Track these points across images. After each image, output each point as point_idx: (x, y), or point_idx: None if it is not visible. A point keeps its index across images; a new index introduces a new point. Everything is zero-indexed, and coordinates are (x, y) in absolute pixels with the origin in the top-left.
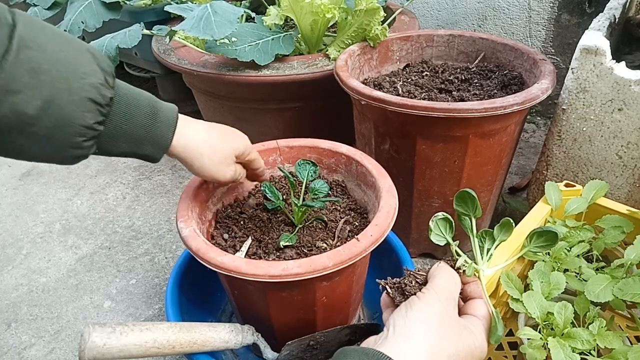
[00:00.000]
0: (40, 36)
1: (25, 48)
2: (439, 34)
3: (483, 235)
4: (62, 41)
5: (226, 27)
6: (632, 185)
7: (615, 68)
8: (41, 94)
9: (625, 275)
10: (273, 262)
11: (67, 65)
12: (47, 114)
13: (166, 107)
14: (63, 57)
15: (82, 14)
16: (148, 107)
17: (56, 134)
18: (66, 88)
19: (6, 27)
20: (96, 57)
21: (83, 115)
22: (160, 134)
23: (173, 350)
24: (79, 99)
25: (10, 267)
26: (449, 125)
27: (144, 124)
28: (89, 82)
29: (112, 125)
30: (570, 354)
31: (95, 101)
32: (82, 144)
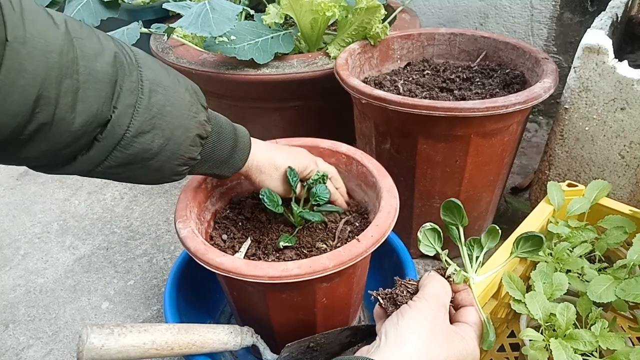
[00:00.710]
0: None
1: (154, 93)
2: (441, 32)
3: (471, 243)
4: (175, 81)
5: (224, 24)
6: (635, 185)
7: (617, 67)
8: (163, 132)
9: (628, 276)
10: (273, 263)
11: (183, 106)
12: (165, 150)
13: (241, 131)
14: (180, 98)
15: (80, 12)
16: (231, 134)
17: (167, 165)
18: (183, 127)
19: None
20: (198, 95)
21: (191, 149)
22: (238, 159)
23: (171, 351)
24: (192, 136)
25: (8, 267)
26: (451, 125)
27: (227, 150)
28: (198, 120)
29: (205, 152)
30: (572, 355)
31: (201, 136)
32: (183, 171)
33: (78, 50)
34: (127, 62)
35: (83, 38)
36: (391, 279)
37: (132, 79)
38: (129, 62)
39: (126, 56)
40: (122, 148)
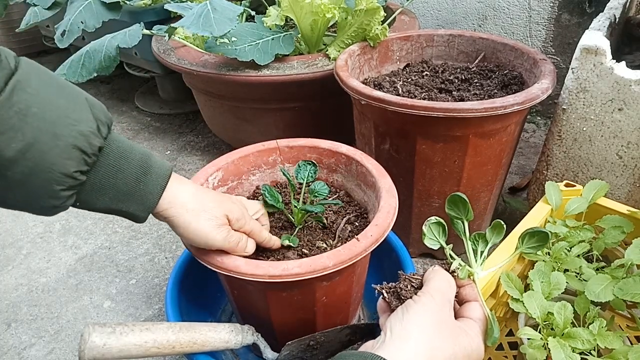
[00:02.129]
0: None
1: (19, 91)
2: (439, 33)
3: (476, 238)
4: (59, 87)
5: (225, 24)
6: (633, 185)
7: (615, 68)
8: (24, 136)
9: (626, 275)
10: (273, 262)
11: (58, 110)
12: (25, 158)
13: (160, 164)
14: (56, 101)
15: (82, 14)
16: (140, 162)
17: (32, 180)
18: (51, 132)
19: (6, 70)
20: (93, 106)
21: (64, 162)
22: (148, 192)
23: (173, 350)
24: (63, 145)
25: (10, 267)
26: (449, 125)
27: (132, 179)
28: (79, 129)
29: (97, 176)
30: (570, 354)
31: (82, 149)
32: (60, 193)
33: None
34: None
35: None
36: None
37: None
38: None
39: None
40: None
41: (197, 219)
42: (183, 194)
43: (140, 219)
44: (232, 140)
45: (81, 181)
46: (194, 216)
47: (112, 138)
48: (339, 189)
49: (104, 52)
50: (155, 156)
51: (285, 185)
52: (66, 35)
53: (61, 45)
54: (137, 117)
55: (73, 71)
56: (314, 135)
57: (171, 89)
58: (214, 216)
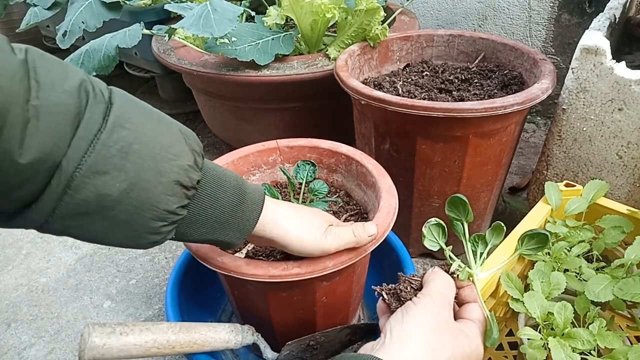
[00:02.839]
0: (136, 115)
1: (119, 127)
2: (439, 33)
3: (476, 239)
4: (156, 120)
5: (226, 25)
6: (632, 185)
7: (615, 68)
8: (127, 175)
9: (626, 275)
10: (273, 262)
11: (158, 146)
12: (129, 197)
13: (252, 189)
14: (154, 136)
15: (83, 14)
16: (235, 189)
17: (136, 219)
18: (154, 170)
19: (102, 105)
20: (187, 137)
21: (167, 199)
22: (245, 219)
23: (173, 350)
24: (166, 181)
25: (10, 267)
26: (449, 125)
27: (229, 208)
28: (179, 164)
29: (196, 209)
30: (570, 354)
31: (183, 184)
32: (161, 229)
33: (33, 79)
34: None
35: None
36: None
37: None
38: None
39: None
40: (73, 191)
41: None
42: (283, 213)
43: (234, 245)
44: (232, 140)
45: (182, 216)
46: (301, 231)
47: (206, 167)
48: (339, 189)
49: (104, 51)
50: (246, 181)
51: (285, 185)
52: (68, 35)
53: (63, 45)
54: None
55: None
56: (314, 135)
57: (171, 89)
58: (317, 225)
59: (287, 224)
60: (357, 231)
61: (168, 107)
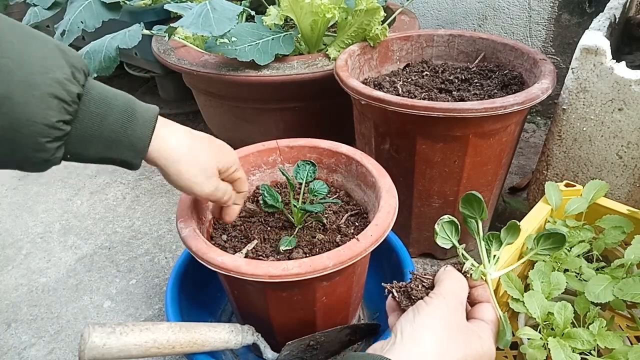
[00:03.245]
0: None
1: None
2: (439, 33)
3: (490, 238)
4: (28, 36)
5: (225, 23)
6: (633, 185)
7: (615, 68)
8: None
9: (626, 276)
10: (273, 262)
11: (28, 59)
12: (2, 112)
13: (145, 107)
14: (25, 50)
15: (82, 14)
16: (123, 107)
17: (16, 135)
18: (25, 82)
19: None
20: (65, 53)
21: (45, 112)
22: (137, 136)
23: (173, 350)
24: (39, 94)
25: (10, 267)
26: (449, 125)
27: (118, 124)
28: (52, 76)
29: (82, 125)
30: (570, 354)
31: (59, 97)
32: (46, 145)
33: None
34: None
35: None
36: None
37: None
38: None
39: None
40: None
41: (188, 171)
42: (173, 140)
43: (135, 165)
44: (232, 140)
45: (66, 131)
46: (185, 166)
47: (91, 85)
48: (339, 189)
49: (104, 52)
50: (139, 101)
51: (285, 185)
52: (66, 35)
53: None
54: None
55: None
56: (314, 135)
57: (171, 89)
58: (206, 167)
59: (178, 154)
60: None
61: (168, 107)
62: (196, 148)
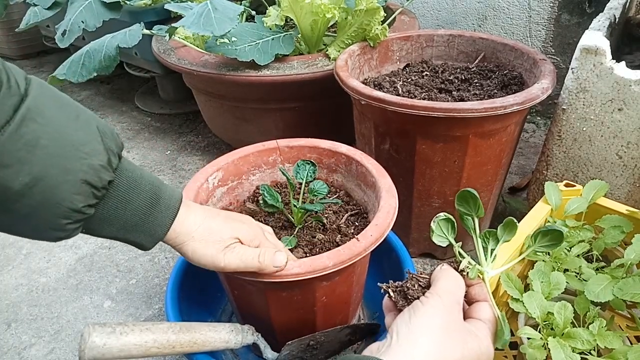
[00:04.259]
0: (50, 109)
1: (29, 120)
2: (439, 33)
3: (486, 235)
4: (71, 115)
5: (226, 23)
6: (632, 185)
7: (615, 68)
8: (31, 170)
9: (625, 275)
10: None
11: (69, 143)
12: (32, 192)
13: (169, 193)
14: (67, 133)
15: (83, 13)
16: (149, 193)
17: (39, 214)
18: (62, 167)
19: (16, 97)
20: (104, 135)
21: (72, 197)
22: (157, 223)
23: (173, 350)
24: (73, 180)
25: (10, 267)
26: (449, 125)
27: (141, 211)
28: (89, 162)
29: (105, 208)
30: (570, 354)
31: (91, 184)
32: (66, 226)
33: None
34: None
35: None
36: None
37: (7, 103)
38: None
39: (11, 78)
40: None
41: (203, 245)
42: (190, 222)
43: (146, 248)
44: (232, 140)
45: (89, 215)
46: (200, 242)
47: (122, 168)
48: (339, 189)
49: (104, 51)
50: (166, 186)
51: (285, 185)
52: (67, 34)
53: (62, 44)
54: (137, 117)
55: (73, 71)
56: (314, 135)
57: (171, 89)
58: (220, 239)
59: (190, 232)
60: (263, 257)
61: (168, 107)
62: (210, 223)
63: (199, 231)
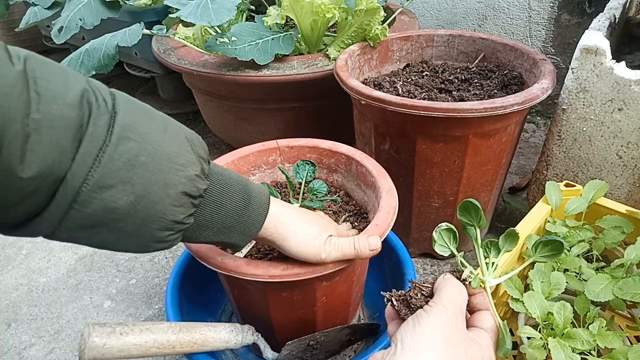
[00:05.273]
0: (141, 124)
1: (125, 139)
2: (439, 33)
3: (488, 245)
4: (161, 128)
5: (224, 14)
6: (632, 185)
7: (615, 68)
8: (134, 188)
9: (625, 275)
10: (273, 262)
11: (165, 157)
12: (137, 210)
13: (258, 191)
14: (161, 147)
15: (81, 11)
16: (241, 194)
17: (143, 230)
18: (162, 182)
19: (106, 116)
20: (193, 144)
21: (174, 209)
22: (251, 222)
23: (173, 350)
24: (174, 193)
25: (10, 267)
26: (449, 125)
27: (235, 212)
28: (186, 174)
29: (202, 215)
30: (570, 354)
31: (190, 194)
32: (168, 237)
33: (33, 91)
34: (97, 103)
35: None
36: (390, 278)
37: (99, 123)
38: (100, 104)
39: (98, 97)
40: (79, 206)
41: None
42: (287, 217)
43: (240, 247)
44: (232, 140)
45: (189, 224)
46: (302, 236)
47: (212, 172)
48: (339, 189)
49: (104, 50)
50: (252, 183)
51: (285, 185)
52: (63, 31)
53: (57, 40)
54: None
55: (72, 69)
56: (314, 136)
57: (171, 89)
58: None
59: (289, 228)
60: (358, 244)
61: (168, 107)
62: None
63: (298, 227)
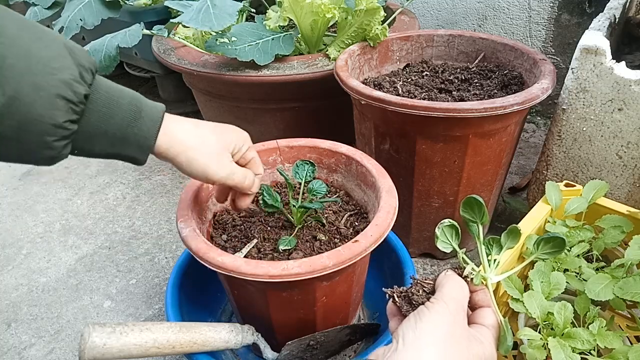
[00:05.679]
0: (10, 28)
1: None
2: (439, 33)
3: (490, 242)
4: (36, 34)
5: (225, 19)
6: (632, 185)
7: (615, 68)
8: (4, 90)
9: (626, 275)
10: (273, 262)
11: (36, 60)
12: (10, 112)
13: (151, 105)
14: (31, 50)
15: (81, 11)
16: (130, 106)
17: (23, 134)
18: (32, 84)
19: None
20: (73, 52)
21: (52, 113)
22: (143, 134)
23: (173, 350)
24: (46, 95)
25: (10, 267)
26: (449, 125)
27: (124, 123)
28: (60, 77)
29: (89, 124)
30: (570, 354)
31: (66, 98)
32: (53, 144)
33: None
34: None
35: None
36: (391, 279)
37: None
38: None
39: None
40: None
41: (199, 156)
42: (181, 132)
43: (141, 161)
44: None
45: (72, 130)
46: (195, 152)
47: (98, 84)
48: (339, 189)
49: (104, 51)
50: (147, 100)
51: (285, 185)
52: (64, 32)
53: None
54: None
55: None
56: (314, 136)
57: (171, 89)
58: (214, 151)
59: (184, 142)
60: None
61: (168, 107)
62: (203, 134)
63: (192, 141)
